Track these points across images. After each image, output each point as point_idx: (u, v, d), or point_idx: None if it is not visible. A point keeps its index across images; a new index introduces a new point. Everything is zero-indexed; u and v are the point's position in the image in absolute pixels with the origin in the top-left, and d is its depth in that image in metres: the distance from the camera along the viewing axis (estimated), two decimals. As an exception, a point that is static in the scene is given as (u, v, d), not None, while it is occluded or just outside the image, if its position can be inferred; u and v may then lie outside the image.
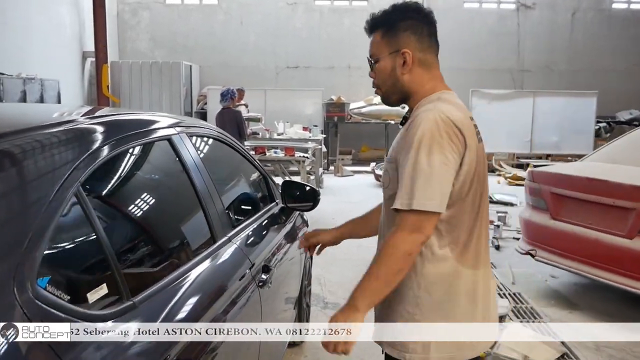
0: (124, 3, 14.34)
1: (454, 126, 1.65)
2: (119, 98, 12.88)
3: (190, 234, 2.16)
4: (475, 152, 1.70)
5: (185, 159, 2.18)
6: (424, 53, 1.79)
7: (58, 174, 1.42)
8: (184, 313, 1.69)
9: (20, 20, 9.93)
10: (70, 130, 1.64)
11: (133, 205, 1.89)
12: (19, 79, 9.11)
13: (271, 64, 14.34)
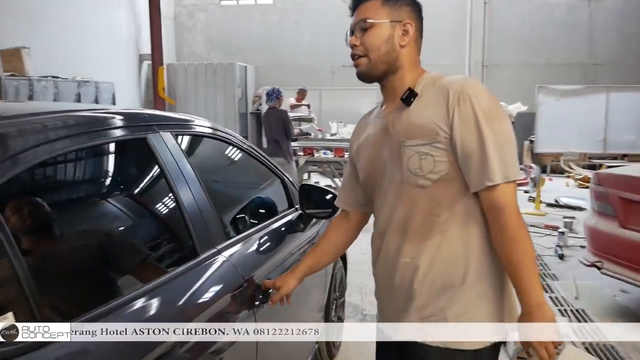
0: (181, 6, 14.41)
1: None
2: (174, 100, 12.92)
3: (156, 249, 1.85)
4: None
5: (164, 160, 1.88)
6: (418, 37, 1.72)
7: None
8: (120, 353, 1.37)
9: (77, 24, 10.07)
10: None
11: (67, 218, 1.60)
12: (74, 82, 9.19)
13: (327, 63, 14.03)
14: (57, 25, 9.51)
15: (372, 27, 1.67)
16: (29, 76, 7.98)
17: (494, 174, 1.51)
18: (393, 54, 1.67)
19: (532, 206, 8.59)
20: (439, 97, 1.59)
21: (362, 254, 6.18)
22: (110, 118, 1.82)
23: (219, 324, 1.76)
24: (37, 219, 1.44)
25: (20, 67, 7.86)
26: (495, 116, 1.54)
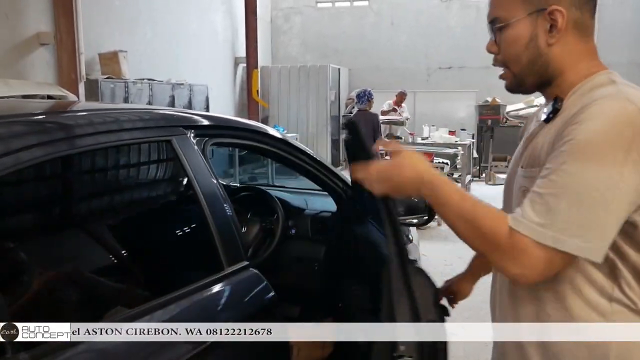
0: (277, 9, 14.56)
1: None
2: (268, 103, 13.06)
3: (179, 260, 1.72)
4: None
5: (186, 164, 1.75)
6: (581, 11, 1.18)
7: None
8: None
9: (175, 28, 10.38)
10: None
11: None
12: (168, 85, 9.46)
13: (422, 65, 13.66)
14: (155, 29, 9.84)
15: (507, 27, 1.24)
16: (125, 79, 8.28)
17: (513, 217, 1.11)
18: (540, 60, 1.21)
19: None
20: (575, 115, 1.11)
21: (444, 264, 5.88)
22: (130, 117, 1.72)
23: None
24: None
25: (117, 70, 8.19)
26: (586, 153, 1.06)
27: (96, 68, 8.40)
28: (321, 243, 2.85)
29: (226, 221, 1.81)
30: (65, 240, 1.48)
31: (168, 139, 1.72)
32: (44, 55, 7.59)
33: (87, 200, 1.58)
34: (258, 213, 2.85)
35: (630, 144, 1.04)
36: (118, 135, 1.48)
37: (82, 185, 1.59)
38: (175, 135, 1.75)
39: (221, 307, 1.64)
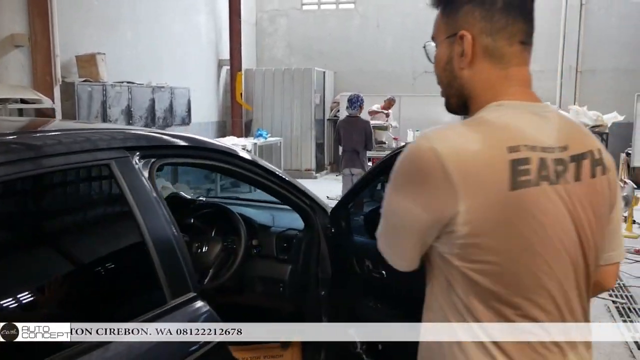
0: (263, 11, 14.42)
1: (439, 166, 1.07)
2: (251, 106, 12.92)
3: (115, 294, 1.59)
4: (499, 208, 1.08)
5: (126, 188, 1.62)
6: (492, 38, 1.17)
7: None
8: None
9: (155, 30, 10.21)
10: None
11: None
12: (148, 88, 9.30)
13: (408, 69, 13.56)
14: (136, 31, 9.67)
15: (436, 47, 1.27)
16: (103, 82, 8.11)
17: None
18: (455, 83, 1.22)
19: (624, 227, 7.78)
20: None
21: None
22: (60, 140, 1.59)
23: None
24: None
25: (94, 72, 8.01)
26: (391, 181, 1.17)
27: (73, 71, 8.23)
28: (287, 262, 2.73)
29: (171, 250, 1.68)
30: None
31: (106, 163, 1.59)
32: (19, 57, 7.41)
33: (4, 234, 1.45)
34: (222, 230, 2.73)
35: (412, 178, 1.12)
36: (38, 163, 1.35)
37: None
38: (115, 158, 1.62)
39: (156, 349, 1.51)
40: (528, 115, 1.16)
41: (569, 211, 1.14)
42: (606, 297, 5.23)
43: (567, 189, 1.13)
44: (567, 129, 1.18)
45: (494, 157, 1.08)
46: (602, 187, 1.19)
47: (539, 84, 12.88)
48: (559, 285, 1.15)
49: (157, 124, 9.51)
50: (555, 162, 1.13)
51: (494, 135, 1.11)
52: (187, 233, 2.75)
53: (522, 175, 1.08)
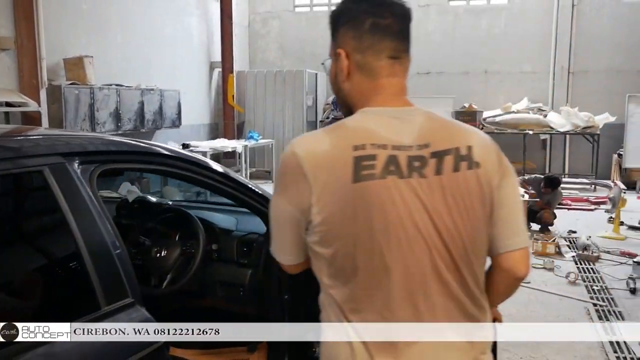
0: (255, 13, 14.42)
1: (298, 166, 1.30)
2: (243, 108, 12.93)
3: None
4: (345, 199, 1.26)
5: (60, 195, 1.62)
6: (362, 55, 1.37)
7: None
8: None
9: (146, 33, 10.20)
10: None
11: None
12: (137, 90, 9.29)
13: (400, 70, 13.55)
14: (126, 33, 9.67)
15: (330, 65, 1.49)
16: (91, 84, 8.11)
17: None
18: (340, 94, 1.45)
19: (611, 228, 7.78)
20: None
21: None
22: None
23: None
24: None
25: (82, 75, 8.01)
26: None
27: (61, 74, 8.23)
28: (247, 266, 2.73)
29: (108, 256, 1.68)
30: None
31: (39, 170, 1.59)
32: (5, 60, 7.42)
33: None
34: (184, 235, 2.73)
35: (281, 179, 1.35)
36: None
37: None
38: (49, 164, 1.63)
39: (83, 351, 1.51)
40: (386, 119, 1.33)
41: (422, 201, 1.27)
42: (587, 300, 5.23)
43: (422, 182, 1.28)
44: (431, 129, 1.33)
45: (340, 155, 1.27)
46: (466, 181, 1.30)
47: (532, 84, 12.95)
48: (405, 269, 1.28)
49: (147, 127, 9.51)
50: (412, 158, 1.28)
51: (344, 136, 1.30)
52: (149, 237, 2.76)
53: (365, 169, 1.25)
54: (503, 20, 13.03)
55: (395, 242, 1.27)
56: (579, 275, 5.86)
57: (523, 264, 1.38)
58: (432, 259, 1.29)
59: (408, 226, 1.27)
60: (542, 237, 7.17)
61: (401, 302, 1.29)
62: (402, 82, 1.40)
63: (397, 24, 1.37)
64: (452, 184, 1.29)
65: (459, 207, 1.29)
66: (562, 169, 12.74)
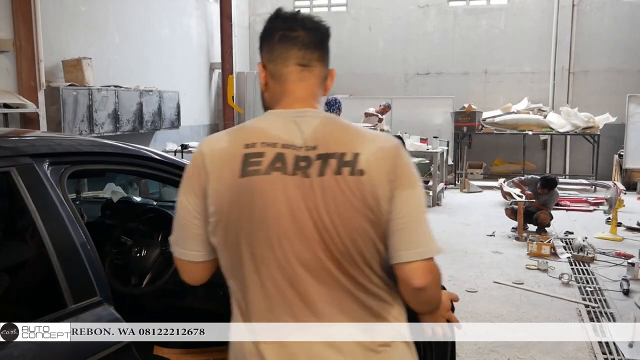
0: (255, 14, 14.46)
1: (201, 161, 1.45)
2: (243, 109, 12.96)
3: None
4: (232, 192, 1.39)
5: (27, 196, 1.65)
6: (273, 64, 1.51)
7: None
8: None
9: (145, 34, 10.25)
10: None
11: None
12: (136, 91, 9.33)
13: (400, 71, 13.56)
14: (124, 35, 9.71)
15: None
16: (89, 86, 8.15)
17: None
18: (264, 101, 1.58)
19: (608, 229, 7.76)
20: None
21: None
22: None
23: None
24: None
25: (80, 77, 8.06)
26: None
27: (60, 75, 8.28)
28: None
29: (75, 256, 1.71)
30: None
31: (5, 171, 1.62)
32: (4, 62, 7.47)
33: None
34: (166, 235, 2.75)
35: (187, 172, 1.48)
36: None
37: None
38: (17, 165, 1.65)
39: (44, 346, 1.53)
40: (283, 120, 1.44)
41: (304, 198, 1.37)
42: (579, 301, 5.22)
43: (305, 181, 1.37)
44: (323, 133, 1.41)
45: (234, 152, 1.40)
46: (346, 185, 1.36)
47: (532, 85, 12.94)
48: (286, 261, 1.38)
49: (146, 128, 9.56)
50: (299, 158, 1.38)
51: (239, 136, 1.44)
52: (131, 237, 2.79)
53: (252, 165, 1.38)
54: (503, 20, 13.02)
55: (274, 235, 1.37)
56: (572, 277, 5.86)
57: (418, 275, 1.39)
58: (313, 252, 1.38)
59: (288, 220, 1.37)
60: (537, 238, 7.16)
61: (279, 295, 1.40)
62: (310, 88, 1.50)
63: (307, 35, 1.48)
64: (333, 185, 1.36)
65: (338, 208, 1.36)
66: (563, 169, 12.72)
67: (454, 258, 6.42)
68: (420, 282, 1.39)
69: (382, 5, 13.57)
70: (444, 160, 10.90)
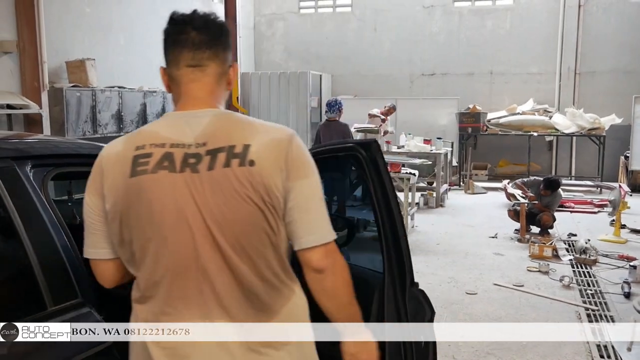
0: (261, 15, 14.48)
1: (99, 163, 1.52)
2: (248, 109, 12.99)
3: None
4: (123, 191, 1.45)
5: (6, 197, 1.65)
6: (169, 67, 1.56)
7: None
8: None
9: (150, 35, 10.24)
10: None
11: None
12: (140, 92, 9.38)
13: (405, 72, 13.53)
14: (129, 36, 9.77)
15: None
16: (93, 87, 8.20)
17: None
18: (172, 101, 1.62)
19: (612, 231, 7.71)
20: None
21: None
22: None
23: None
24: None
25: (84, 78, 8.11)
26: None
27: (64, 76, 8.33)
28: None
29: (56, 258, 1.71)
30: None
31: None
32: (8, 63, 7.52)
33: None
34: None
35: (90, 175, 1.53)
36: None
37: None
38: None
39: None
40: (174, 121, 1.51)
41: (192, 194, 1.41)
42: (579, 304, 5.19)
43: (194, 176, 1.42)
44: (213, 129, 1.46)
45: (125, 154, 1.46)
46: (236, 176, 1.40)
47: (537, 86, 12.88)
48: (175, 256, 1.44)
49: (149, 128, 9.56)
50: (188, 155, 1.43)
51: (133, 139, 1.49)
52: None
53: (140, 165, 1.43)
54: (508, 20, 12.97)
55: (162, 231, 1.43)
56: (573, 279, 5.82)
57: (317, 258, 1.46)
58: (198, 246, 1.42)
59: (174, 216, 1.42)
60: (540, 240, 7.12)
61: (177, 289, 1.45)
62: (206, 87, 1.53)
63: (197, 36, 1.50)
64: (222, 178, 1.41)
65: (227, 200, 1.40)
66: (569, 171, 12.65)
67: (454, 260, 6.39)
68: (320, 264, 1.46)
69: (387, 5, 13.55)
70: (448, 161, 10.87)
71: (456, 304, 5.17)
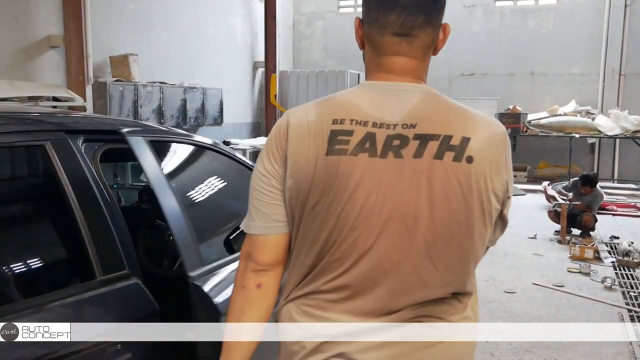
0: (300, 14, 14.55)
1: (284, 130, 1.29)
2: (286, 107, 13.05)
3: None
4: (319, 169, 1.24)
5: (60, 169, 1.70)
6: (369, 27, 1.29)
7: None
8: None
9: (191, 32, 10.45)
10: None
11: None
12: (180, 88, 9.52)
13: (444, 72, 13.41)
14: (170, 33, 9.93)
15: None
16: (135, 81, 8.37)
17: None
18: (364, 61, 1.39)
19: None
20: None
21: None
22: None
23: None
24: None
25: (127, 73, 8.28)
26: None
27: (108, 71, 8.52)
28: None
29: (106, 230, 1.75)
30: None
31: (40, 144, 1.68)
32: (54, 57, 7.72)
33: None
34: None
35: (268, 141, 1.32)
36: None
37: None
38: (51, 139, 1.71)
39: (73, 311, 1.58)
40: (377, 95, 1.28)
41: (390, 181, 1.21)
42: (622, 306, 5.06)
43: (396, 162, 1.22)
44: (424, 111, 1.25)
45: (320, 127, 1.25)
46: (445, 173, 1.20)
47: (580, 87, 12.62)
48: (364, 246, 1.24)
49: (189, 124, 9.74)
50: (391, 137, 1.23)
51: (328, 110, 1.27)
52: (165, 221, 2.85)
53: (339, 144, 1.23)
54: (551, 20, 12.75)
55: (355, 218, 1.23)
56: (616, 281, 5.68)
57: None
58: (400, 238, 1.23)
59: (368, 205, 1.22)
60: (581, 242, 6.97)
61: (362, 279, 1.26)
62: (410, 63, 1.29)
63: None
64: (428, 170, 1.20)
65: (435, 193, 1.21)
66: (611, 174, 12.37)
67: (492, 259, 6.30)
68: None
69: (427, 5, 13.44)
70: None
71: (494, 302, 5.10)
